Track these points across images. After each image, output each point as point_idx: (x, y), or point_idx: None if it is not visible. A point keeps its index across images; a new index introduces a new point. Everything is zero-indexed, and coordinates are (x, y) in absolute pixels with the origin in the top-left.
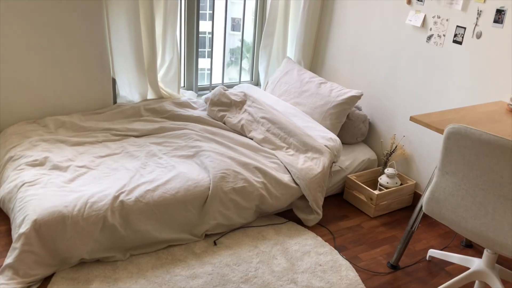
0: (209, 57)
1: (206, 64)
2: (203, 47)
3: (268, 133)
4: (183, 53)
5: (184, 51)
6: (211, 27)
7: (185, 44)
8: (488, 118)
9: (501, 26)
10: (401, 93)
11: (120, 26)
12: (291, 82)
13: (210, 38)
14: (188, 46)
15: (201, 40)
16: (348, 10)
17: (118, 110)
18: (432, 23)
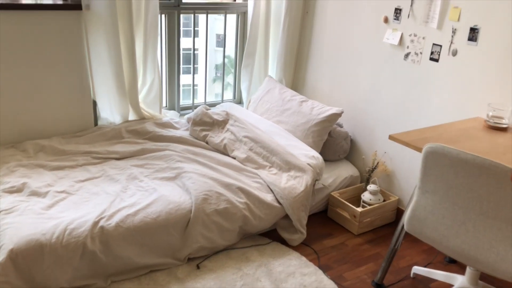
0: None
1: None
2: (189, 63)
3: (251, 152)
4: (164, 73)
5: (166, 71)
6: (192, 44)
7: (167, 64)
8: (466, 135)
9: (475, 44)
10: (381, 110)
11: (100, 49)
12: (273, 100)
13: (195, 55)
14: (169, 66)
15: (185, 57)
16: (327, 28)
17: (99, 133)
18: (409, 41)
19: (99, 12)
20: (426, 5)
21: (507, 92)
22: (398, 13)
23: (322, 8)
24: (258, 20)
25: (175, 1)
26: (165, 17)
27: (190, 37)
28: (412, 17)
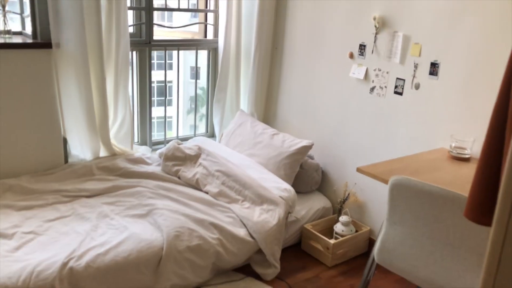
0: (169, 105)
1: (168, 112)
2: (163, 96)
3: (223, 186)
4: (136, 107)
5: (138, 106)
6: (164, 79)
7: (138, 98)
8: (431, 166)
9: (436, 78)
10: (350, 142)
11: (70, 86)
12: (245, 134)
13: (170, 87)
14: (141, 100)
15: (160, 89)
16: (296, 63)
17: (69, 170)
18: (374, 75)
19: (70, 50)
20: (388, 41)
21: (468, 123)
22: (363, 49)
23: (291, 43)
24: (229, 55)
25: (146, 38)
26: (137, 54)
27: (161, 70)
28: (376, 53)
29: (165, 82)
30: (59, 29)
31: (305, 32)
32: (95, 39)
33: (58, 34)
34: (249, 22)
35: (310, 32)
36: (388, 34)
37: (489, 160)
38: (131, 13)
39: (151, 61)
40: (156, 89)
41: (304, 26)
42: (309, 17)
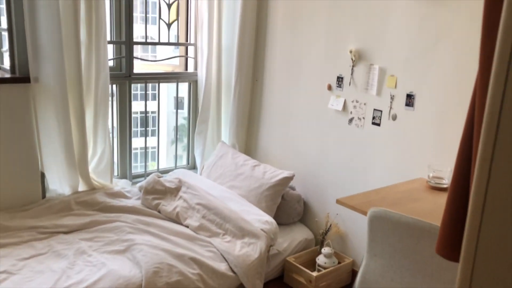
0: (153, 135)
1: (150, 143)
2: (145, 126)
3: (204, 220)
4: (116, 140)
5: (118, 138)
6: (145, 111)
7: (118, 131)
8: (409, 196)
9: (412, 109)
10: (331, 172)
11: (49, 120)
12: (226, 165)
13: (153, 117)
14: (121, 133)
15: (142, 120)
16: (276, 95)
17: (46, 206)
18: (352, 107)
19: (48, 84)
20: (365, 73)
21: (445, 153)
22: (340, 81)
23: (271, 76)
24: (210, 88)
25: (126, 71)
26: (117, 87)
27: (148, 100)
28: (353, 85)
29: (145, 113)
30: (38, 63)
31: (284, 64)
32: (74, 73)
33: (37, 68)
34: (230, 55)
35: (289, 64)
36: (365, 66)
37: (457, 194)
38: (111, 46)
39: (131, 94)
40: (139, 119)
41: (283, 59)
42: (288, 50)
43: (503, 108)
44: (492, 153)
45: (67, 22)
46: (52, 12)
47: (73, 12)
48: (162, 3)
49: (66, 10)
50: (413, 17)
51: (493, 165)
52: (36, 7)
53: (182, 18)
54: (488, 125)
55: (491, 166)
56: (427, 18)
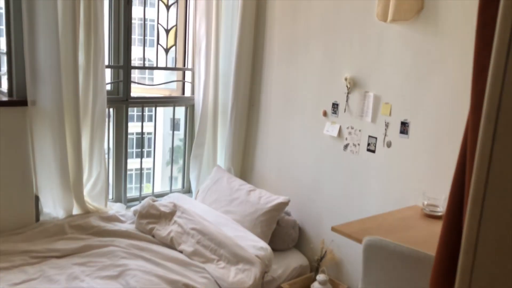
0: (148, 156)
1: (145, 164)
2: (141, 147)
3: (198, 245)
4: (112, 163)
5: (113, 161)
6: (141, 134)
7: (114, 155)
8: (404, 224)
9: (407, 137)
10: (326, 198)
11: (45, 144)
12: (221, 190)
13: (149, 139)
14: (117, 157)
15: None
16: (272, 120)
17: (40, 229)
18: (347, 133)
19: (45, 107)
20: (360, 101)
21: (439, 181)
22: (336, 107)
23: (267, 101)
24: (207, 113)
25: (123, 95)
26: (113, 111)
27: (145, 121)
28: (348, 112)
29: (141, 135)
30: (36, 86)
31: (280, 90)
32: (71, 97)
33: (34, 91)
34: (226, 81)
35: (285, 90)
36: (360, 94)
37: (451, 228)
38: (109, 70)
39: (127, 118)
40: (134, 140)
41: (280, 84)
42: (284, 77)
43: (494, 148)
44: (484, 194)
45: (66, 46)
46: (51, 35)
47: (72, 36)
48: (161, 28)
49: (65, 34)
50: (407, 46)
51: (484, 208)
52: (35, 30)
53: (180, 43)
54: (480, 164)
55: (482, 210)
56: (421, 48)
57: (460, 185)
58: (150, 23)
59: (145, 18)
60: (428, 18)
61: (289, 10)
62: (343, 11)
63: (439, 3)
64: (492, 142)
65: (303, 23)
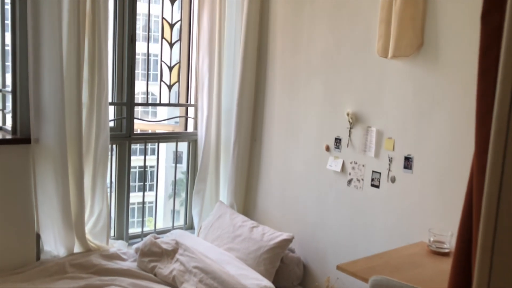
0: (151, 190)
1: (148, 198)
2: (144, 181)
3: (201, 284)
4: (114, 197)
5: (115, 196)
6: (144, 171)
7: (116, 191)
8: (411, 261)
9: (410, 172)
10: (330, 234)
11: (48, 181)
12: (224, 226)
13: (152, 172)
14: (119, 192)
15: (140, 174)
16: (274, 155)
17: (40, 268)
18: (350, 168)
19: (48, 145)
20: (362, 135)
21: (445, 217)
22: (338, 142)
23: (269, 136)
24: (209, 148)
25: (126, 132)
26: (116, 147)
27: (148, 155)
28: (351, 146)
29: (144, 168)
30: (40, 124)
31: (283, 125)
32: (75, 134)
33: (38, 129)
34: (229, 116)
35: (287, 125)
36: (362, 128)
37: (460, 271)
38: (112, 107)
39: (130, 155)
40: (137, 174)
41: (282, 119)
42: (286, 111)
43: (501, 193)
44: (493, 241)
45: (70, 83)
46: (56, 73)
47: (76, 74)
48: (164, 65)
49: (69, 72)
50: (409, 81)
51: (494, 257)
52: (40, 67)
53: (183, 79)
54: (488, 210)
55: (492, 260)
56: (422, 83)
57: (468, 228)
58: (154, 58)
59: (148, 53)
60: (428, 54)
61: (290, 45)
62: (343, 47)
63: (439, 39)
64: (499, 188)
65: (304, 58)
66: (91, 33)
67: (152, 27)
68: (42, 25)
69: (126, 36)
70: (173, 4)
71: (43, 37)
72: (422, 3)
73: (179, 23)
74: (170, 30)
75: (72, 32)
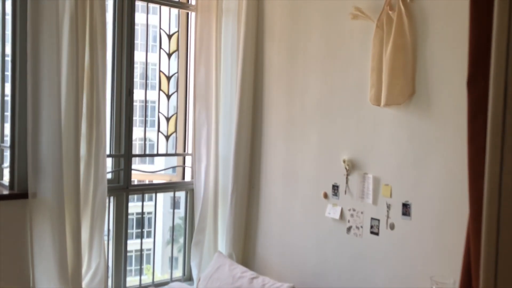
0: (148, 236)
1: (146, 245)
2: (141, 228)
3: None
4: (111, 247)
5: (113, 245)
6: (141, 209)
7: (114, 239)
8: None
9: (409, 218)
10: (331, 283)
11: (44, 236)
12: (223, 278)
13: (149, 218)
14: (116, 241)
15: (137, 221)
16: (273, 202)
17: None
18: (349, 215)
19: (46, 199)
20: (359, 182)
21: (446, 263)
22: (336, 189)
23: (266, 183)
24: (208, 198)
25: (124, 183)
26: (114, 199)
27: (145, 201)
28: (349, 193)
29: (142, 217)
30: (37, 178)
31: (280, 172)
32: (72, 188)
33: (35, 184)
34: (226, 164)
35: (284, 172)
36: (359, 175)
37: None
38: (110, 159)
39: (128, 206)
40: (134, 220)
41: (279, 166)
42: (282, 158)
43: (498, 256)
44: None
45: (68, 137)
46: (54, 127)
47: (74, 127)
48: (161, 116)
49: (68, 125)
50: (402, 129)
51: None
52: (39, 122)
53: (180, 129)
54: (486, 278)
55: None
56: (416, 130)
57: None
58: (151, 104)
59: (146, 101)
60: (420, 102)
61: (285, 93)
62: (337, 94)
63: (430, 87)
64: (496, 251)
65: (299, 106)
66: (89, 87)
67: (150, 75)
68: (42, 79)
69: (124, 88)
70: (170, 58)
71: (42, 91)
72: (412, 53)
73: (176, 75)
74: (167, 82)
75: (71, 86)
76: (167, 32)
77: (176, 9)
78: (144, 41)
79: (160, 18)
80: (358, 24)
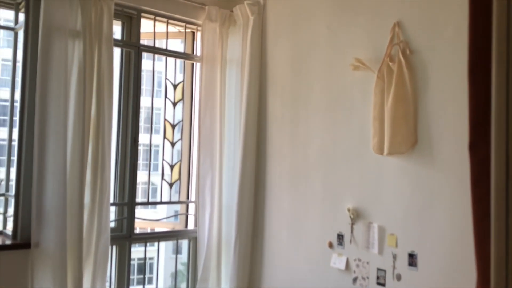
0: (149, 283)
1: None
2: (144, 274)
3: None
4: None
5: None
6: (143, 254)
7: None
8: None
9: (416, 269)
10: None
11: (45, 285)
12: None
13: (151, 264)
14: None
15: (139, 267)
16: (277, 252)
17: None
18: (354, 265)
19: (48, 249)
20: (364, 232)
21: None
22: (341, 238)
23: (270, 232)
24: (211, 247)
25: (127, 232)
26: (116, 249)
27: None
28: (354, 243)
29: (144, 264)
30: (40, 228)
31: (284, 221)
32: (75, 237)
33: (38, 233)
34: (230, 213)
35: (288, 221)
36: (364, 224)
37: None
38: (113, 208)
39: (130, 256)
40: (136, 266)
41: (282, 215)
42: (286, 207)
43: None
44: None
45: (72, 186)
46: (59, 177)
47: (79, 177)
48: (165, 164)
49: (73, 175)
50: (406, 177)
51: None
52: (44, 170)
53: (184, 177)
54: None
55: None
56: (419, 179)
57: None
58: (155, 148)
59: (151, 146)
60: (423, 151)
61: (288, 141)
62: (340, 143)
63: (432, 136)
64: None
65: (302, 155)
66: (95, 136)
67: (154, 119)
68: (48, 127)
69: (129, 137)
70: (175, 107)
71: (48, 139)
72: (413, 103)
73: (181, 123)
74: (172, 130)
75: (77, 135)
76: (173, 82)
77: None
78: (150, 87)
79: (166, 67)
80: (359, 75)
